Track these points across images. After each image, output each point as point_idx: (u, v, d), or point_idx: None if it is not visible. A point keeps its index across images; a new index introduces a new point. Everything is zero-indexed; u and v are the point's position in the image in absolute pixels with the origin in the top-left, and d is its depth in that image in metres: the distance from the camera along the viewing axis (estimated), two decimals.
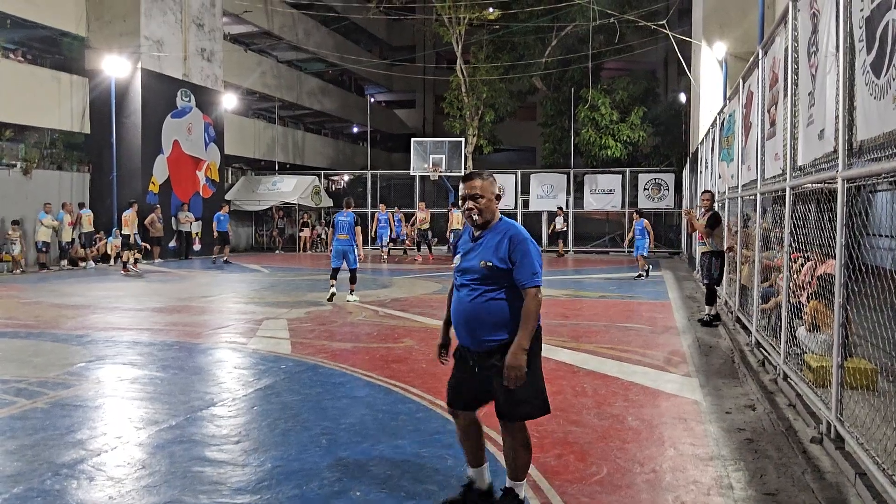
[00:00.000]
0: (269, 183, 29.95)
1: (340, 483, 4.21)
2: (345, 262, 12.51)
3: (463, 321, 3.72)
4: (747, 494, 4.10)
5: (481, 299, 3.64)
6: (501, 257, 3.62)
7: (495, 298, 3.63)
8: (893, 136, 3.75)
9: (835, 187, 4.72)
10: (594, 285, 15.96)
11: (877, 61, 3.91)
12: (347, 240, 12.40)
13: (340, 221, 12.47)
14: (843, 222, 4.65)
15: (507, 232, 3.69)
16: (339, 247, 12.52)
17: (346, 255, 12.46)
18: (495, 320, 3.63)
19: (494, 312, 3.63)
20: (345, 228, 12.42)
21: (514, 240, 3.64)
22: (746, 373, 7.22)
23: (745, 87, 9.63)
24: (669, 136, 32.26)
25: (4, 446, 4.82)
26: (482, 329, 3.64)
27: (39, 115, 20.88)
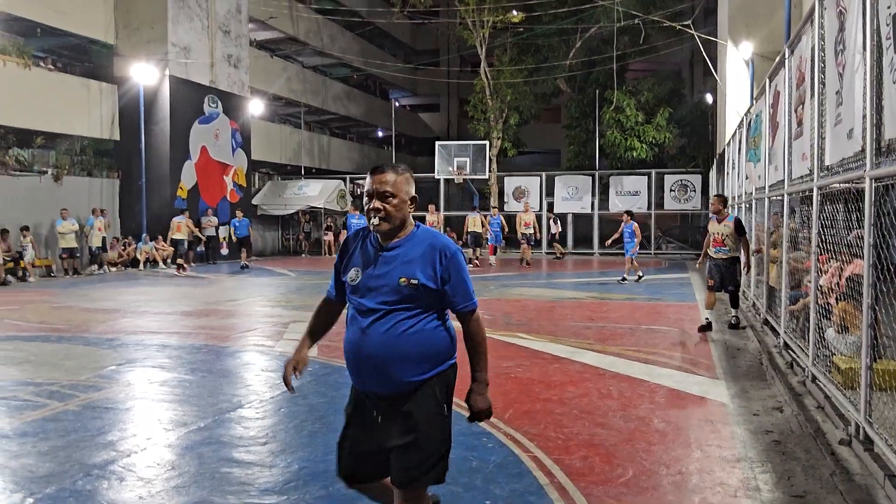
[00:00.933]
0: (295, 187, 30.17)
1: None
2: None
3: (370, 359, 2.89)
4: (774, 496, 4.07)
5: (399, 328, 2.87)
6: (430, 274, 2.90)
7: (413, 324, 2.89)
8: None
9: (863, 187, 4.68)
10: (620, 288, 15.87)
11: None
12: None
13: (354, 224, 12.20)
14: (870, 222, 4.61)
15: (434, 243, 2.96)
16: None
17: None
18: (419, 353, 2.89)
19: (419, 343, 2.88)
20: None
21: (446, 253, 2.93)
22: (774, 375, 7.16)
23: (771, 87, 9.55)
24: (696, 136, 32.02)
25: (37, 447, 4.91)
26: (401, 366, 2.87)
27: (70, 123, 21.23)
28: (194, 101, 24.02)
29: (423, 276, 2.89)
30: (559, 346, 8.58)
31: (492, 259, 22.98)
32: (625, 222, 17.53)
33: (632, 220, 17.36)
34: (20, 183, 19.52)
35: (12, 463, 4.61)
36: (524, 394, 6.38)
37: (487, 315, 11.33)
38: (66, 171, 21.11)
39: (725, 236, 10.14)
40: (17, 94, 19.17)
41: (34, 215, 19.61)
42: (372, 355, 2.88)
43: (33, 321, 11.03)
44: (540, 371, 7.30)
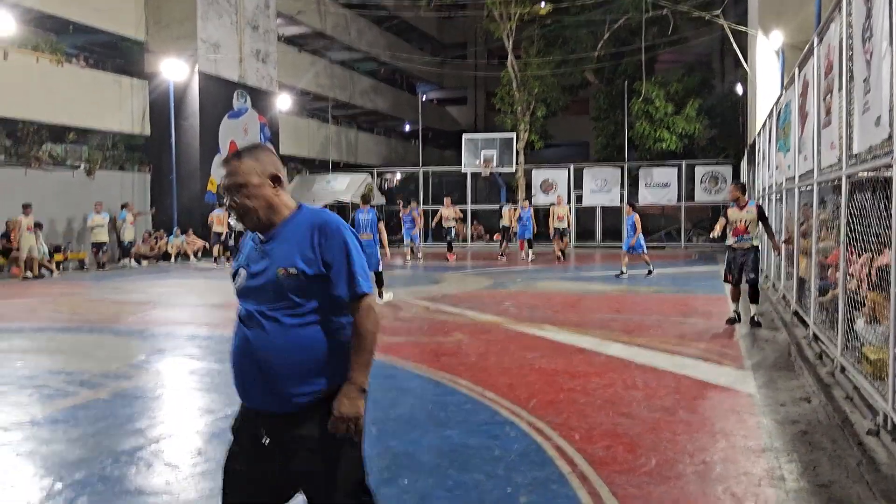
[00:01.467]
0: (323, 181, 30.36)
1: (389, 471, 4.29)
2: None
3: (252, 369, 2.46)
4: (799, 486, 4.04)
5: (285, 334, 2.42)
6: (309, 258, 2.45)
7: (304, 325, 2.44)
8: None
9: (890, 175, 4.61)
10: (648, 280, 15.77)
11: None
12: (370, 240, 11.35)
13: (362, 220, 11.42)
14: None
15: (313, 221, 2.52)
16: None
17: (370, 257, 11.10)
18: (307, 361, 2.42)
19: (305, 349, 2.42)
20: (367, 227, 11.45)
21: (325, 230, 2.48)
22: (803, 366, 7.08)
23: (800, 76, 9.42)
24: (726, 127, 31.62)
25: (68, 434, 5.02)
26: (286, 378, 2.41)
27: (101, 118, 21.54)
28: (223, 96, 24.24)
29: (302, 262, 2.44)
30: (584, 338, 8.55)
31: (524, 254, 21.71)
32: (627, 214, 17.25)
33: (633, 212, 16.96)
34: (53, 177, 19.86)
35: (43, 449, 4.72)
36: (548, 384, 6.37)
37: (512, 308, 11.35)
38: (98, 165, 21.44)
39: (748, 223, 9.81)
40: (51, 90, 19.49)
41: (67, 209, 19.97)
42: (250, 369, 2.45)
43: (66, 313, 11.24)
44: (564, 362, 7.29)
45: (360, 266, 2.51)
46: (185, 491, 4.04)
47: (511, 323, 9.75)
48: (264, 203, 2.50)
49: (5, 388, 6.27)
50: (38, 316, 10.90)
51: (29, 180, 19.03)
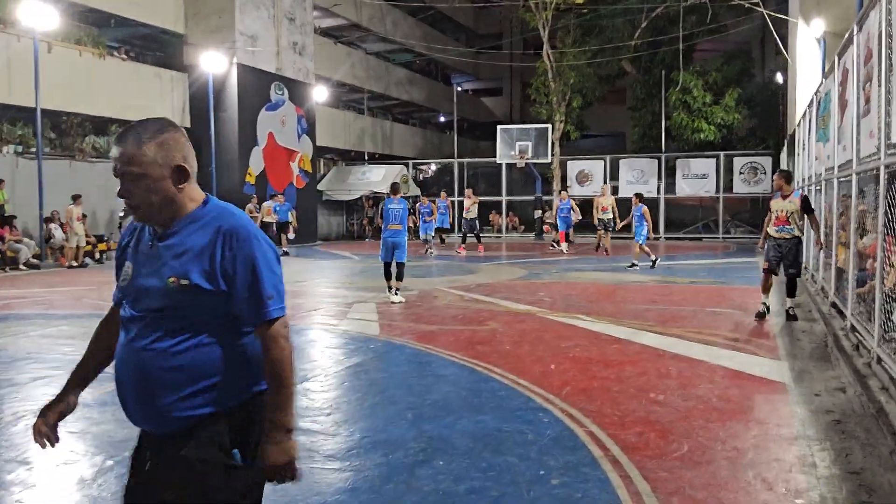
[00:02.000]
0: (358, 173, 30.62)
1: (424, 453, 4.40)
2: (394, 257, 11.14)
3: (129, 384, 2.13)
4: (831, 473, 4.06)
5: (163, 345, 2.08)
6: (207, 270, 2.08)
7: (190, 343, 2.09)
8: None
9: None
10: (685, 271, 15.70)
11: None
12: (401, 230, 11.10)
13: (392, 209, 11.05)
14: None
15: (220, 226, 2.13)
16: (391, 238, 11.08)
17: (397, 247, 11.08)
18: (188, 380, 2.08)
19: (189, 367, 2.08)
20: (398, 217, 11.07)
21: (233, 239, 2.10)
22: (839, 356, 7.04)
23: (840, 65, 9.30)
24: (766, 117, 31.18)
25: (116, 416, 5.18)
26: (165, 396, 2.07)
27: (143, 110, 21.86)
28: (261, 88, 24.55)
29: (199, 275, 2.08)
30: (619, 328, 8.58)
31: (563, 246, 21.24)
32: (634, 205, 16.92)
33: (641, 203, 16.74)
34: (96, 169, 20.33)
35: (94, 429, 4.92)
36: (582, 372, 6.44)
37: (546, 297, 11.40)
38: None
39: (791, 213, 9.55)
40: (93, 83, 19.94)
41: (109, 200, 20.42)
42: (131, 380, 2.12)
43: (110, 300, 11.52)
44: (598, 351, 7.34)
45: (270, 285, 2.12)
46: None
47: (545, 312, 9.81)
48: (162, 198, 2.12)
49: (56, 372, 6.50)
50: (83, 303, 11.22)
51: (73, 172, 19.52)
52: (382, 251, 11.19)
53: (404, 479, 3.99)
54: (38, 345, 7.82)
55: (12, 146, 18.11)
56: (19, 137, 18.37)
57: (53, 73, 18.30)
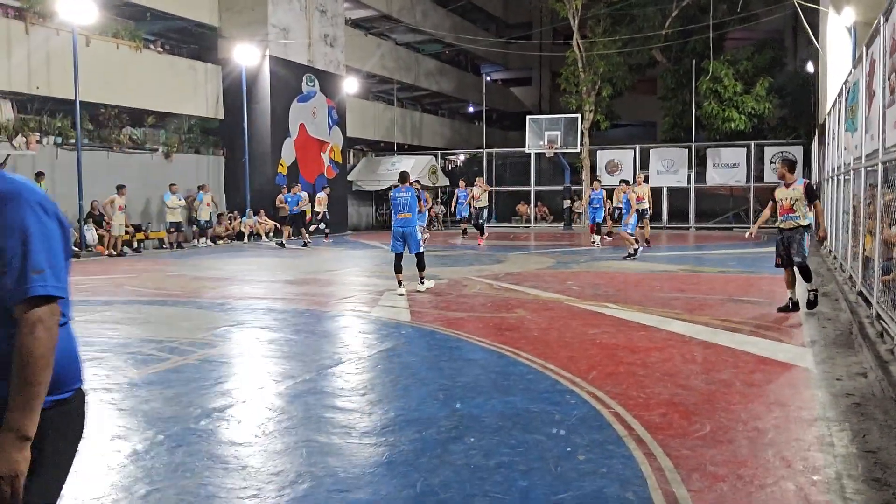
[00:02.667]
0: (388, 163, 30.88)
1: (456, 430, 4.61)
2: (406, 249, 10.87)
3: None
4: (847, 451, 4.21)
5: None
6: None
7: None
8: None
9: None
10: (714, 260, 15.75)
11: None
12: (410, 219, 10.72)
13: (400, 198, 10.73)
14: None
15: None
16: (400, 228, 10.76)
17: (408, 238, 10.75)
18: None
19: None
20: (405, 206, 10.71)
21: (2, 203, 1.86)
22: (863, 343, 7.12)
23: (868, 55, 9.33)
24: (797, 107, 30.88)
25: (163, 394, 5.49)
26: None
27: (178, 103, 22.39)
28: (293, 80, 24.88)
29: None
30: (646, 316, 8.73)
31: (595, 238, 20.43)
32: (623, 192, 16.69)
33: (629, 190, 16.67)
34: (134, 160, 20.83)
35: (143, 406, 5.20)
36: (608, 358, 6.61)
37: (574, 286, 11.55)
38: (176, 148, 22.34)
39: (795, 201, 9.40)
40: (130, 75, 20.38)
41: (147, 191, 20.90)
42: None
43: (150, 287, 11.92)
44: (625, 338, 7.50)
45: (42, 258, 1.83)
46: (272, 443, 4.44)
47: (573, 300, 9.97)
48: None
49: (104, 355, 6.81)
50: (125, 290, 11.59)
51: (111, 162, 20.00)
52: (392, 242, 10.92)
53: (438, 454, 4.21)
54: (85, 329, 8.15)
55: (52, 137, 18.60)
56: (59, 129, 18.86)
57: (91, 66, 18.75)
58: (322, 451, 4.27)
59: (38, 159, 17.79)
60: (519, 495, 3.62)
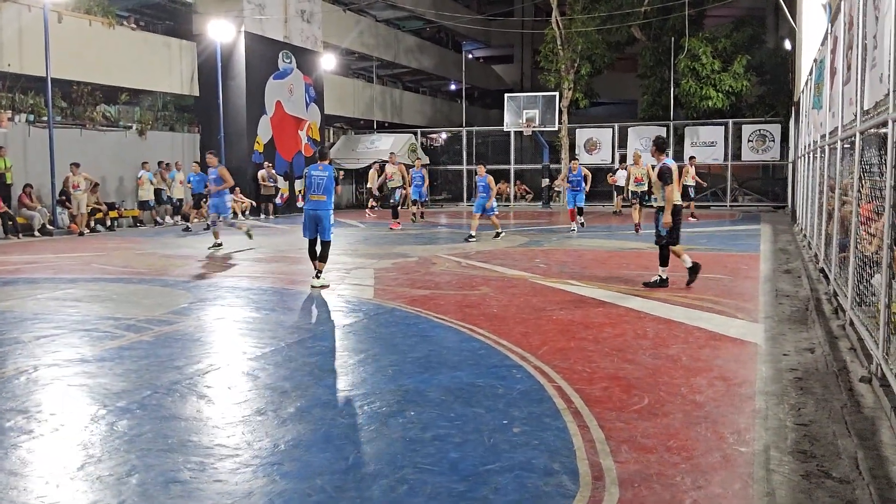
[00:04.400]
0: (367, 141, 30.74)
1: (399, 405, 4.66)
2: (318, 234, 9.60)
3: None
4: (780, 425, 4.29)
5: None
6: None
7: None
8: None
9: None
10: (685, 239, 15.77)
11: None
12: (324, 202, 9.47)
13: (315, 177, 9.48)
14: (892, 164, 4.70)
15: None
16: (312, 210, 9.49)
17: (320, 222, 9.50)
18: None
19: None
20: (321, 187, 9.46)
21: None
22: (816, 319, 7.24)
23: (832, 33, 9.39)
24: (776, 84, 30.92)
25: (113, 370, 5.51)
26: None
27: (152, 80, 22.15)
28: (269, 56, 24.66)
29: None
30: (606, 292, 8.81)
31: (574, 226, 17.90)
32: (477, 174, 15.83)
33: (486, 173, 15.60)
34: (107, 138, 20.64)
35: (90, 382, 5.22)
36: (562, 333, 6.68)
37: (542, 264, 11.61)
38: (150, 126, 22.14)
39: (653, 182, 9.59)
40: (103, 52, 20.14)
41: (121, 168, 20.75)
42: None
43: (118, 265, 11.88)
44: (582, 314, 7.57)
45: None
46: (213, 418, 4.47)
47: (537, 278, 10.04)
48: None
49: (59, 332, 6.81)
50: (91, 268, 11.55)
51: (84, 140, 19.82)
52: (304, 225, 9.65)
53: (375, 428, 4.26)
54: (45, 306, 8.14)
55: (24, 115, 18.40)
56: (31, 107, 18.65)
57: (64, 42, 18.52)
58: (263, 425, 4.31)
59: (10, 137, 17.61)
60: (448, 466, 3.68)
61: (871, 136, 6.08)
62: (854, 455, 3.81)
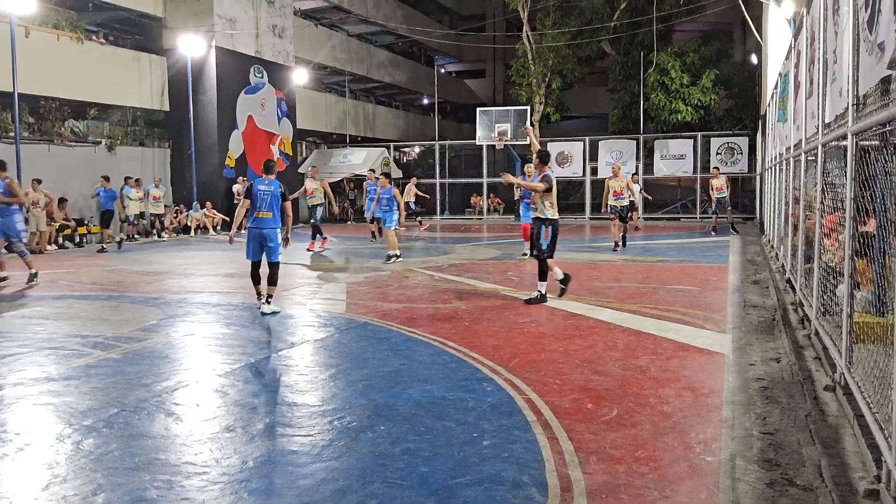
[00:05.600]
0: (340, 156, 30.73)
1: (369, 419, 4.66)
2: (264, 254, 8.74)
3: None
4: (746, 433, 4.35)
5: None
6: None
7: None
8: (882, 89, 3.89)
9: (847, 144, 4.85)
10: (655, 250, 15.99)
11: (871, 18, 4.04)
12: (270, 219, 8.66)
13: (261, 192, 8.66)
14: (851, 176, 4.80)
15: None
16: (257, 229, 8.65)
17: (266, 242, 8.63)
18: None
19: None
20: (266, 203, 8.66)
21: None
22: (783, 329, 7.34)
23: (795, 47, 9.58)
24: (743, 97, 31.44)
25: (79, 388, 5.44)
26: None
27: (122, 94, 21.98)
28: (240, 71, 24.59)
29: None
30: (578, 305, 8.87)
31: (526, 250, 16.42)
32: (381, 187, 14.58)
33: (390, 185, 14.62)
34: (76, 153, 20.41)
35: (55, 400, 5.14)
36: (532, 345, 6.71)
37: (514, 277, 11.66)
38: (119, 141, 21.95)
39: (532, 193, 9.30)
40: (71, 67, 19.95)
41: (90, 184, 20.48)
42: None
43: (86, 282, 11.73)
44: (553, 326, 7.62)
45: None
46: (180, 436, 4.43)
47: (510, 291, 10.08)
48: None
49: (25, 350, 6.71)
50: (58, 285, 11.39)
51: (52, 156, 19.58)
52: (248, 246, 8.77)
53: (345, 443, 4.25)
54: (11, 325, 8.03)
55: None
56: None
57: (31, 57, 18.33)
58: (231, 442, 4.28)
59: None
60: (418, 480, 3.68)
61: (833, 148, 6.20)
62: (818, 463, 3.87)
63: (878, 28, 3.78)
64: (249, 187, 8.81)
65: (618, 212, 16.07)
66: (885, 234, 4.69)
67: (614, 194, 16.19)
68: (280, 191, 8.79)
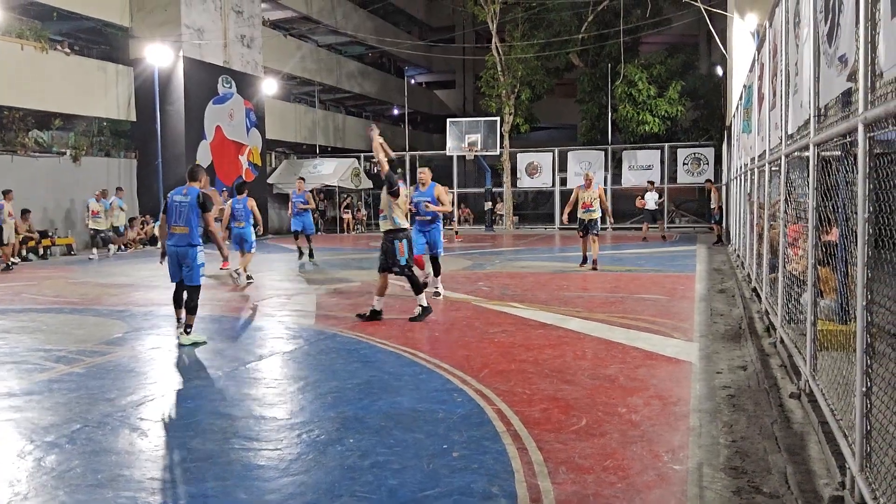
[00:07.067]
0: (310, 166, 30.58)
1: (338, 432, 4.62)
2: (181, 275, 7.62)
3: None
4: (713, 441, 4.39)
5: None
6: None
7: None
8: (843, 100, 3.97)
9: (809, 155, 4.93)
10: (624, 260, 16.11)
11: (830, 31, 4.12)
12: (187, 234, 7.51)
13: (177, 204, 7.60)
14: (814, 186, 4.89)
15: None
16: (174, 247, 7.53)
17: (184, 260, 7.53)
18: None
19: None
20: (182, 216, 7.55)
21: None
22: (749, 338, 7.43)
23: (759, 60, 9.74)
24: (709, 109, 31.91)
25: (41, 404, 5.34)
26: None
27: (87, 104, 21.71)
28: (208, 81, 24.42)
29: None
30: (547, 314, 8.89)
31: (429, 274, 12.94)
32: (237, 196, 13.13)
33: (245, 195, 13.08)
34: (40, 164, 20.10)
35: (17, 416, 5.04)
36: (503, 356, 6.71)
37: (485, 287, 11.67)
38: (85, 151, 21.65)
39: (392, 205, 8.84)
40: (36, 77, 19.67)
41: (54, 195, 20.20)
42: None
43: (49, 295, 11.53)
44: (523, 336, 7.63)
45: None
46: (145, 451, 4.36)
47: (480, 301, 10.09)
48: None
49: None
50: (21, 298, 11.18)
51: (16, 167, 19.26)
52: (169, 265, 7.64)
53: (314, 457, 4.21)
54: None
55: None
56: None
57: None
58: (197, 459, 4.21)
59: None
60: (387, 493, 3.65)
61: (796, 159, 6.30)
62: (784, 470, 3.91)
63: (839, 41, 3.86)
64: (167, 200, 7.68)
65: (585, 225, 14.21)
66: (847, 244, 4.78)
67: (583, 206, 14.23)
68: (198, 200, 7.54)
